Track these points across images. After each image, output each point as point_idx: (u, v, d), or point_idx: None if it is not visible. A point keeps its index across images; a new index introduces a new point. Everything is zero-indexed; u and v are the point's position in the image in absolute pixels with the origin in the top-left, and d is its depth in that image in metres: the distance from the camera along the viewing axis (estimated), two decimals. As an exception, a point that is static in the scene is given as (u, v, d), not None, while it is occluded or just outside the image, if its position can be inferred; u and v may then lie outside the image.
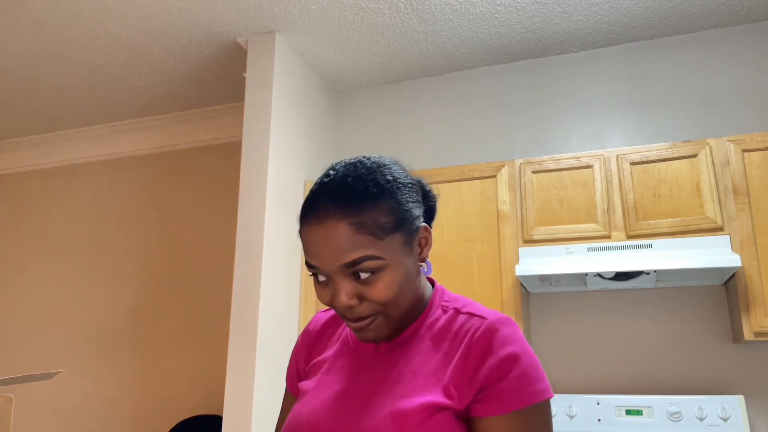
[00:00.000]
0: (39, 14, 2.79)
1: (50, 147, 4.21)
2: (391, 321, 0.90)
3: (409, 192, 0.93)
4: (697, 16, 2.81)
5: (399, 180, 0.92)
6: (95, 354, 3.70)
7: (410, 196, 0.92)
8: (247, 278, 2.67)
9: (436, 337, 0.92)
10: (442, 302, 0.97)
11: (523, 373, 0.85)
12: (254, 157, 2.82)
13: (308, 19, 2.83)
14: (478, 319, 0.90)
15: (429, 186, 1.01)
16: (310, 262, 0.88)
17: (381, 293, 0.86)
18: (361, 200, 0.86)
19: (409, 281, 0.90)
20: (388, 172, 0.92)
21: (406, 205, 0.90)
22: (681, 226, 2.41)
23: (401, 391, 0.87)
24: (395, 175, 0.92)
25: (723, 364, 2.54)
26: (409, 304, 0.91)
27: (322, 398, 0.93)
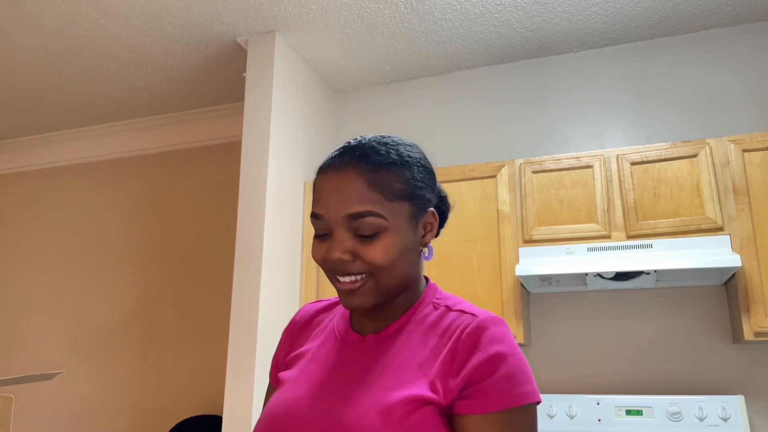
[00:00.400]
0: (39, 14, 2.79)
1: (50, 147, 4.21)
2: (381, 290, 0.88)
3: (426, 176, 0.94)
4: (697, 16, 2.81)
5: (420, 161, 0.94)
6: (95, 354, 3.70)
7: (426, 179, 0.93)
8: (247, 278, 2.67)
9: (426, 332, 0.90)
10: (434, 299, 0.96)
11: (510, 373, 0.83)
12: (254, 157, 2.82)
13: (308, 19, 2.83)
14: (469, 316, 0.89)
15: (445, 193, 1.02)
16: (317, 212, 0.89)
17: (377, 254, 0.86)
18: (380, 161, 0.88)
19: (407, 253, 0.89)
20: (412, 150, 0.93)
21: (420, 183, 0.91)
22: (681, 226, 2.41)
23: (386, 384, 0.85)
24: (418, 156, 0.94)
25: (723, 364, 2.54)
26: (401, 278, 0.90)
27: (301, 389, 0.90)
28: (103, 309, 3.76)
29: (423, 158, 0.95)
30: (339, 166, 0.88)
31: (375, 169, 0.87)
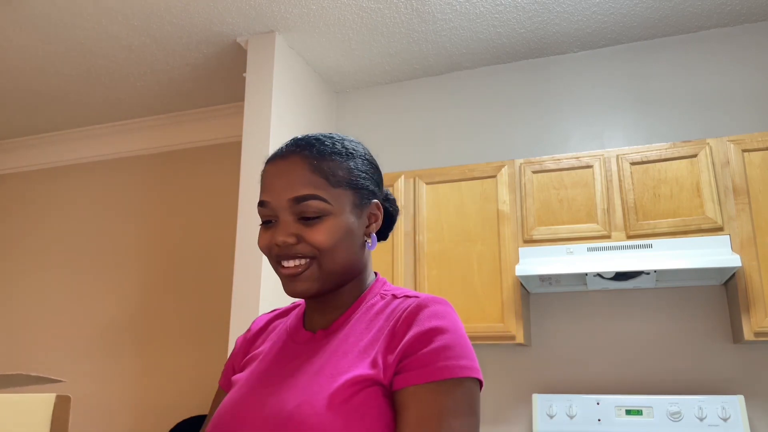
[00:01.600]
0: (39, 14, 2.79)
1: (50, 147, 4.21)
2: (324, 275, 0.89)
3: (370, 169, 0.96)
4: (697, 16, 2.81)
5: (365, 155, 0.97)
6: (95, 354, 3.70)
7: (370, 172, 0.96)
8: (247, 278, 2.67)
9: (371, 319, 0.91)
10: (382, 290, 0.96)
11: (446, 346, 0.81)
12: (254, 157, 2.82)
13: (308, 19, 2.83)
14: (413, 299, 0.89)
15: (393, 196, 1.04)
16: (263, 199, 0.91)
17: (320, 237, 0.87)
18: (325, 150, 0.92)
19: (349, 239, 0.90)
20: (356, 146, 0.97)
21: (363, 174, 0.94)
22: (681, 226, 2.41)
23: (329, 371, 0.85)
24: (362, 151, 0.97)
25: (723, 364, 2.54)
26: (343, 264, 0.91)
27: (249, 386, 0.91)
28: (103, 309, 3.76)
29: (367, 154, 0.98)
30: (285, 154, 0.91)
31: (319, 156, 0.90)
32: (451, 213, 2.76)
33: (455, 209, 2.76)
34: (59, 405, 0.88)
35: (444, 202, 2.78)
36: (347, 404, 0.80)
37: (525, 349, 2.83)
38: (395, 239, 2.81)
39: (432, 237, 2.76)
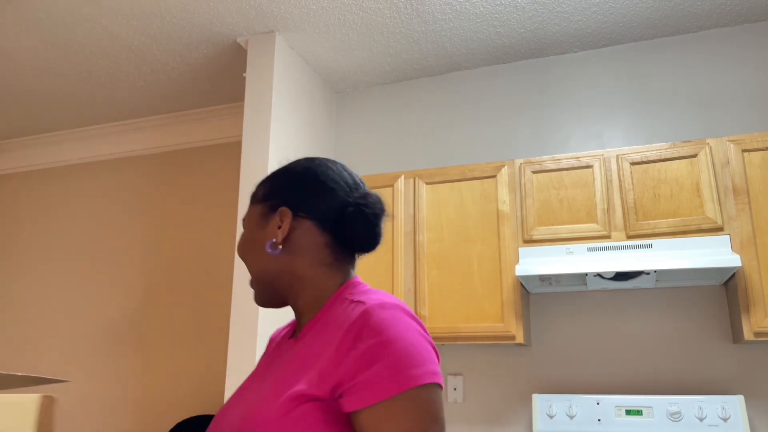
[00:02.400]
0: (39, 14, 2.79)
1: (50, 147, 4.21)
2: (254, 285, 0.98)
3: (294, 180, 0.98)
4: (697, 16, 2.82)
5: (296, 170, 1.00)
6: (95, 354, 3.70)
7: (292, 184, 0.97)
8: (247, 278, 2.67)
9: (327, 328, 0.88)
10: (347, 294, 0.92)
11: (392, 361, 0.78)
12: (254, 157, 2.82)
13: (308, 19, 2.83)
14: (358, 304, 0.86)
15: (368, 198, 0.98)
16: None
17: (237, 251, 0.97)
18: (263, 180, 1.04)
19: (252, 249, 0.96)
20: (296, 165, 1.01)
21: (279, 187, 0.98)
22: (681, 226, 2.41)
23: (279, 382, 0.85)
24: (297, 168, 1.00)
25: (723, 364, 2.54)
26: (257, 270, 0.97)
27: (235, 393, 0.95)
28: (103, 309, 3.76)
29: (306, 168, 0.99)
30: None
31: (257, 186, 1.03)
32: (451, 213, 2.76)
33: (455, 209, 2.76)
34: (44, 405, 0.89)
35: (444, 202, 2.79)
36: (288, 417, 0.79)
37: (525, 349, 2.83)
38: (395, 239, 2.81)
39: (432, 237, 2.76)
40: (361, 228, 0.95)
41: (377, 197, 0.99)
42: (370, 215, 0.96)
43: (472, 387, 2.86)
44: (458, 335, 2.60)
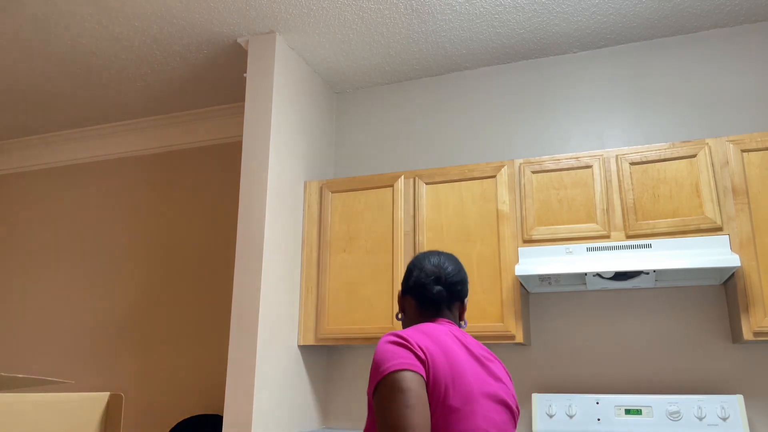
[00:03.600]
0: (39, 15, 2.80)
1: (50, 147, 4.22)
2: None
3: (406, 275, 1.57)
4: (697, 16, 2.82)
5: (408, 267, 1.58)
6: (96, 353, 3.70)
7: (405, 277, 1.57)
8: (247, 278, 2.68)
9: None
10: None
11: (371, 369, 1.28)
12: (254, 157, 2.83)
13: (308, 19, 2.83)
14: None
15: (413, 274, 1.55)
16: None
17: None
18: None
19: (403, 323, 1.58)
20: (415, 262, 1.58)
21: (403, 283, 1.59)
22: (680, 226, 2.41)
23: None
24: (409, 266, 1.58)
25: (722, 363, 2.54)
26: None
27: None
28: (104, 309, 3.77)
29: (411, 264, 1.57)
30: None
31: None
32: (450, 213, 2.77)
33: (455, 209, 2.76)
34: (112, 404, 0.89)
35: (444, 202, 2.79)
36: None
37: (524, 348, 2.84)
38: (395, 239, 2.82)
39: (432, 237, 2.77)
40: (420, 293, 1.51)
41: (427, 270, 1.52)
42: (422, 285, 1.50)
43: (471, 387, 2.86)
44: (458, 335, 2.60)
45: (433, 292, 1.48)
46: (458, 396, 1.25)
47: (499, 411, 1.31)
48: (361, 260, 2.86)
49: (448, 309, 1.49)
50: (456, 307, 1.52)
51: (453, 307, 1.51)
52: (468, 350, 1.36)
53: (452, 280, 1.50)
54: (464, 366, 1.30)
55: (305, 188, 3.08)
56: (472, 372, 1.31)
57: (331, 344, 2.85)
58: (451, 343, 1.33)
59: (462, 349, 1.34)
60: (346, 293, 2.84)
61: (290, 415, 2.77)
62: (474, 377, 1.30)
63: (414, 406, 1.18)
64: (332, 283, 2.89)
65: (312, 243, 2.98)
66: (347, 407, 3.06)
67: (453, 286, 1.50)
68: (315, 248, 2.97)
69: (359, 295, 2.81)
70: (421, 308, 1.49)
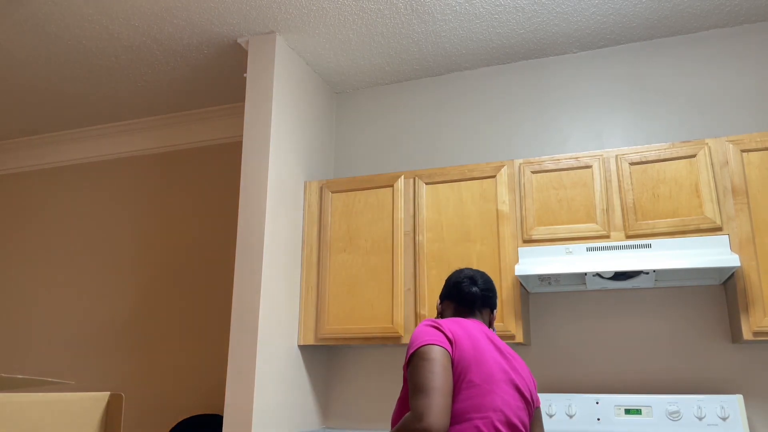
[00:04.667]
0: (40, 15, 2.80)
1: (50, 147, 4.22)
2: None
3: (444, 286, 1.84)
4: (696, 16, 2.82)
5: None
6: (96, 353, 3.71)
7: (444, 287, 1.83)
8: (247, 278, 2.68)
9: None
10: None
11: (408, 346, 1.52)
12: (254, 157, 2.83)
13: (308, 19, 2.84)
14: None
15: (453, 281, 1.80)
16: None
17: None
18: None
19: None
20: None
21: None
22: (680, 226, 2.41)
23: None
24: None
25: (722, 363, 2.54)
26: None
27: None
28: (104, 309, 3.77)
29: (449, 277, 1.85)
30: None
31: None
32: (450, 213, 2.77)
33: (455, 209, 2.77)
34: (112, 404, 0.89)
35: (444, 202, 2.79)
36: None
37: (524, 348, 2.84)
38: (395, 239, 2.82)
39: (432, 237, 2.77)
40: (457, 293, 1.76)
41: (465, 274, 1.78)
42: (459, 285, 1.76)
43: (471, 386, 2.86)
44: (458, 335, 2.61)
45: (470, 290, 1.71)
46: (480, 374, 1.47)
47: (515, 397, 1.50)
48: (361, 260, 2.86)
49: (479, 312, 1.71)
50: (486, 313, 1.74)
51: (484, 312, 1.73)
52: (493, 343, 1.57)
53: (485, 286, 1.75)
54: (486, 352, 1.51)
55: (305, 188, 3.08)
56: (494, 359, 1.51)
57: (331, 344, 2.86)
58: (478, 334, 1.56)
59: (487, 341, 1.56)
60: (346, 293, 2.85)
61: (290, 415, 2.77)
62: (495, 363, 1.51)
63: (438, 372, 1.41)
64: (332, 283, 2.89)
65: (312, 243, 2.99)
66: (347, 407, 3.06)
67: (486, 291, 1.74)
68: (315, 248, 2.98)
69: (359, 295, 2.81)
70: (457, 309, 1.73)
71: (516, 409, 1.48)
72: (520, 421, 1.49)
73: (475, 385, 1.45)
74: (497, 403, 1.45)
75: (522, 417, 1.50)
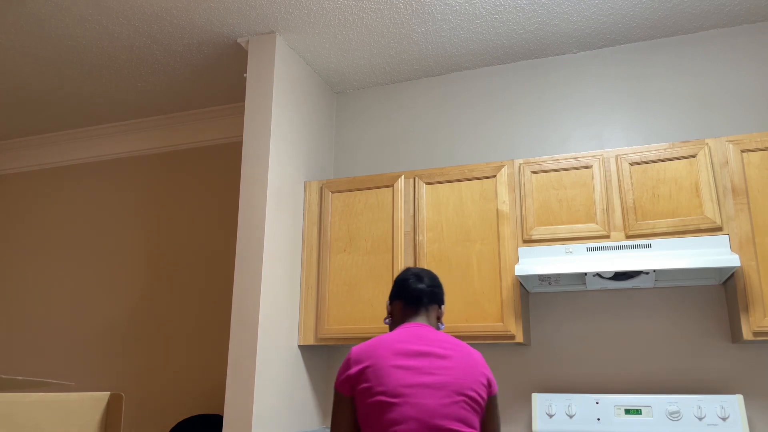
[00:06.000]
0: (40, 15, 2.80)
1: (50, 147, 4.22)
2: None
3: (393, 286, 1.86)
4: (696, 16, 2.82)
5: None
6: (96, 353, 3.71)
7: (392, 288, 1.85)
8: (247, 278, 2.68)
9: None
10: None
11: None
12: (254, 157, 2.83)
13: (308, 19, 2.84)
14: None
15: (399, 280, 1.82)
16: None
17: None
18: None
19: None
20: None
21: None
22: (680, 226, 2.41)
23: None
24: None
25: (722, 363, 2.55)
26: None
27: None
28: (104, 308, 3.77)
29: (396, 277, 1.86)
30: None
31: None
32: (450, 213, 2.77)
33: (455, 209, 2.77)
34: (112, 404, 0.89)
35: (444, 202, 2.79)
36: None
37: (524, 348, 2.84)
38: (395, 239, 2.82)
39: (432, 237, 2.77)
40: (404, 291, 1.79)
41: (411, 272, 1.80)
42: (406, 283, 1.78)
43: (471, 386, 2.86)
44: (458, 335, 2.61)
45: (416, 287, 1.74)
46: (382, 400, 1.48)
47: (437, 396, 1.48)
48: (361, 260, 2.86)
49: (426, 309, 1.73)
50: (434, 309, 1.76)
51: (431, 309, 1.75)
52: (410, 351, 1.56)
53: (432, 282, 1.78)
54: (392, 371, 1.52)
55: (305, 188, 3.09)
56: (405, 370, 1.52)
57: (331, 344, 2.86)
58: (388, 350, 1.56)
59: (401, 352, 1.56)
60: (346, 293, 2.85)
61: (290, 415, 2.77)
62: (401, 375, 1.51)
63: (341, 423, 1.56)
64: (332, 283, 2.89)
65: (312, 243, 2.99)
66: (347, 407, 3.06)
67: (433, 287, 1.77)
68: (315, 248, 2.98)
69: (359, 295, 2.81)
70: (405, 308, 1.75)
71: (441, 408, 1.47)
72: (453, 419, 1.47)
73: (385, 404, 1.47)
74: (411, 414, 1.45)
75: (454, 413, 1.48)
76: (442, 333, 1.67)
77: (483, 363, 1.62)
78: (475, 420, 1.51)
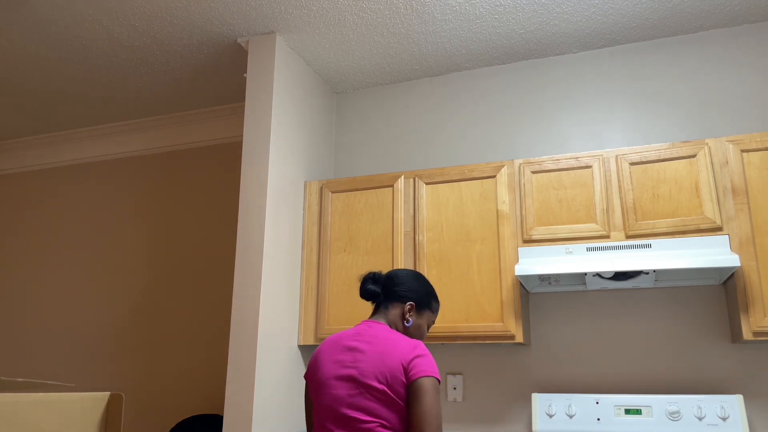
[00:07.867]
0: (40, 15, 2.80)
1: (50, 147, 4.22)
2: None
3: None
4: (696, 16, 2.82)
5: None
6: (96, 353, 3.71)
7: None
8: (247, 278, 2.68)
9: None
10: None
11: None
12: (254, 157, 2.83)
13: (308, 19, 2.84)
14: None
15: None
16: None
17: None
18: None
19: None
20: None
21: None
22: (680, 226, 2.41)
23: None
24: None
25: (722, 363, 2.55)
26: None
27: None
28: (104, 309, 3.77)
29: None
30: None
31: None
32: (450, 213, 2.77)
33: (455, 209, 2.77)
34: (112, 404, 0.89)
35: (444, 202, 2.79)
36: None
37: (524, 348, 2.84)
38: (395, 239, 2.82)
39: (432, 237, 2.77)
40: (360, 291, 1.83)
41: (365, 277, 1.81)
42: (361, 283, 1.82)
43: (471, 386, 2.87)
44: (458, 335, 2.61)
45: (365, 288, 1.78)
46: (315, 387, 1.64)
47: (348, 387, 1.58)
48: (361, 260, 2.86)
49: (385, 307, 1.76)
50: (396, 307, 1.76)
51: (393, 306, 1.76)
52: (342, 345, 1.66)
53: (390, 282, 1.78)
54: (325, 361, 1.65)
55: (305, 188, 3.09)
56: (331, 361, 1.64)
57: (331, 344, 2.85)
58: (332, 345, 1.68)
59: (335, 347, 1.67)
60: (346, 293, 2.85)
61: (290, 415, 2.77)
62: (330, 365, 1.64)
63: (305, 400, 1.77)
64: (332, 283, 2.89)
65: (312, 243, 2.99)
66: (347, 407, 3.06)
67: (392, 287, 1.77)
68: (315, 248, 2.98)
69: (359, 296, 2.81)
70: (373, 308, 1.84)
71: (347, 398, 1.57)
72: (356, 408, 1.55)
73: (316, 400, 1.64)
74: (326, 402, 1.60)
75: (357, 403, 1.56)
76: (384, 329, 1.67)
77: (403, 353, 1.57)
78: (381, 409, 1.55)
